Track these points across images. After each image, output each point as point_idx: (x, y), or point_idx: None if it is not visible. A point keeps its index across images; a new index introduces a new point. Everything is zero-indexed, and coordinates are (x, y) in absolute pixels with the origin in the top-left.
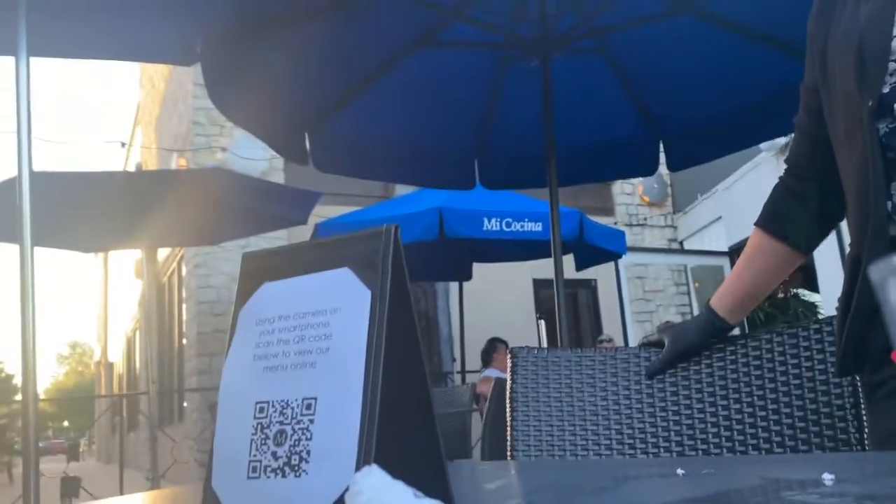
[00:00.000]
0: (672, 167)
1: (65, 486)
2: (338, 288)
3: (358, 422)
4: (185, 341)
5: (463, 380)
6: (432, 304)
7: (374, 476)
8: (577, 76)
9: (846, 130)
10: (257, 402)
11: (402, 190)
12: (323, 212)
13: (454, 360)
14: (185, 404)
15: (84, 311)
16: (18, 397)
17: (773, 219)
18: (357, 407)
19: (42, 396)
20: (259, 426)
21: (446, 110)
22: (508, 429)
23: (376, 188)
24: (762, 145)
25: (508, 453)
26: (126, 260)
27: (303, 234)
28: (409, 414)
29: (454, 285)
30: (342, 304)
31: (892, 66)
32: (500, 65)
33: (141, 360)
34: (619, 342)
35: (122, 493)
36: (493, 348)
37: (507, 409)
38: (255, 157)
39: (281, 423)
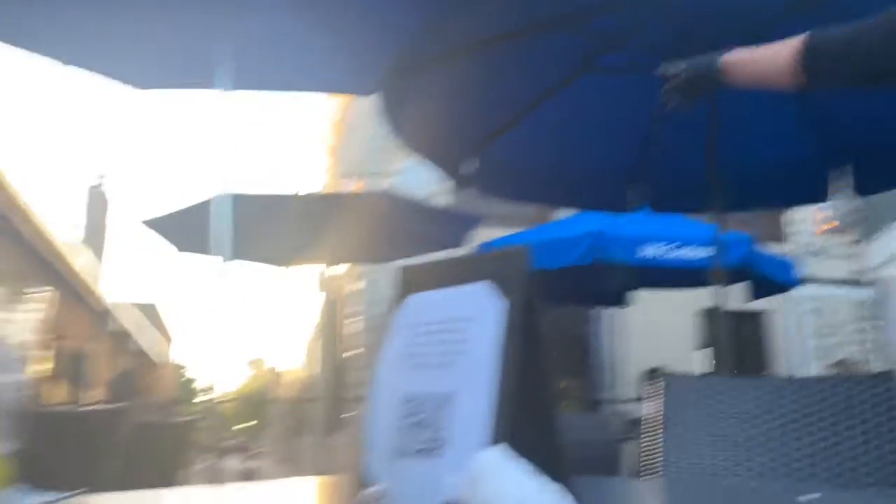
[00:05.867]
0: (861, 191)
1: None
2: (476, 299)
3: (488, 414)
4: (356, 352)
5: (615, 408)
6: (586, 329)
7: (497, 451)
8: (747, 94)
9: None
10: (404, 395)
11: (557, 214)
12: (480, 235)
13: (608, 387)
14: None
15: (264, 322)
16: (198, 399)
17: None
18: (488, 402)
19: (227, 399)
20: (405, 415)
21: (607, 134)
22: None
23: (530, 212)
24: None
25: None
26: (307, 275)
27: None
28: (535, 413)
29: (611, 310)
30: (480, 313)
31: None
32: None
33: (313, 369)
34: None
35: None
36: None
37: (662, 432)
38: (424, 183)
39: (423, 412)
